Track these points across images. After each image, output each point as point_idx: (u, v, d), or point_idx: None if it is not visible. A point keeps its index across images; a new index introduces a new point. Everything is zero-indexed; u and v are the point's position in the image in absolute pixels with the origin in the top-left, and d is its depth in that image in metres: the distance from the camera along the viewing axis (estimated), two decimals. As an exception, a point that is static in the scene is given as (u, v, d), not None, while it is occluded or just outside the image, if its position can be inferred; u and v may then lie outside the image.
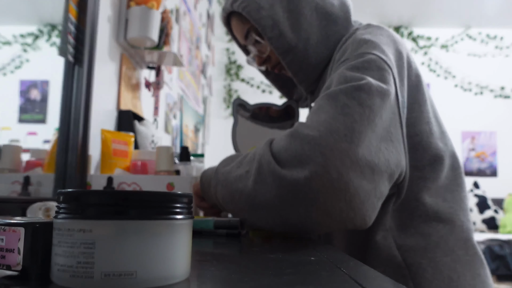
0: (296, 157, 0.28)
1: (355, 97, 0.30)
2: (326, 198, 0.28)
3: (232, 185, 0.33)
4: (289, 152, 0.29)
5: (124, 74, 0.84)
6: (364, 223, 0.29)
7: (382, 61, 0.33)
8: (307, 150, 0.28)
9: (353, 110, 0.29)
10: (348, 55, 0.35)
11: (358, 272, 0.18)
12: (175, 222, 0.15)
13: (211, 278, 0.17)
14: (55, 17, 0.58)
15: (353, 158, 0.28)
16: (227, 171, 0.34)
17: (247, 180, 0.31)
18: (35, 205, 0.32)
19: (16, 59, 0.53)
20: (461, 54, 2.43)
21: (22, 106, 0.56)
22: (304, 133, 0.29)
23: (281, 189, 0.29)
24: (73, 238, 0.14)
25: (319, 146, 0.28)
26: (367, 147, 0.29)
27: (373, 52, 0.34)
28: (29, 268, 0.15)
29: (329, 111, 0.30)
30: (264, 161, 0.30)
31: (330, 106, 0.30)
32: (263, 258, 0.23)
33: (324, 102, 0.31)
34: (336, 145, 0.28)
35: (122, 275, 0.13)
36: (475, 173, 2.34)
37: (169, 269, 0.14)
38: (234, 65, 2.43)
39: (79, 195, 0.14)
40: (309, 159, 0.28)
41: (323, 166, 0.27)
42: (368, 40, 0.36)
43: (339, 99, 0.30)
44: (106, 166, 0.57)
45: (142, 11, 0.79)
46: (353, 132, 0.28)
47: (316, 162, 0.27)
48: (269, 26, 0.40)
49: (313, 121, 0.30)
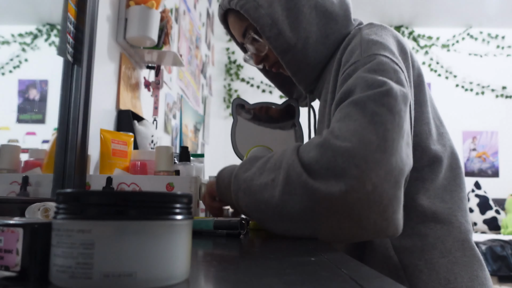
0: (329, 169, 0.28)
1: (384, 104, 0.29)
2: (361, 211, 0.27)
3: (256, 194, 0.32)
4: (321, 164, 0.28)
5: (123, 74, 0.84)
6: (396, 231, 0.29)
7: (394, 63, 0.33)
8: (341, 162, 0.27)
9: (384, 118, 0.29)
10: (357, 56, 0.35)
11: (359, 273, 0.18)
12: (174, 223, 0.15)
13: (211, 279, 0.17)
14: (54, 17, 0.58)
15: (387, 169, 0.27)
16: (248, 177, 0.33)
17: (273, 189, 0.30)
18: (33, 206, 0.32)
19: (14, 58, 0.53)
20: (462, 53, 2.43)
21: (21, 105, 0.55)
22: (337, 144, 0.28)
23: (313, 202, 0.28)
24: (72, 239, 0.14)
25: (354, 158, 0.27)
26: (399, 155, 0.28)
27: (384, 54, 0.34)
28: (27, 269, 0.15)
29: (359, 120, 0.29)
30: (294, 172, 0.29)
31: (359, 114, 0.29)
32: (263, 258, 0.23)
33: (352, 110, 0.30)
34: (371, 157, 0.27)
35: (122, 275, 0.13)
36: (476, 173, 2.34)
37: (169, 269, 0.14)
38: (234, 65, 2.43)
39: (78, 195, 0.14)
40: (343, 171, 0.27)
41: (358, 178, 0.27)
42: (376, 41, 0.35)
43: (368, 106, 0.29)
44: (105, 166, 0.57)
45: (141, 11, 0.79)
46: (386, 141, 0.28)
47: (350, 175, 0.27)
48: (267, 25, 0.39)
49: (344, 131, 0.29)
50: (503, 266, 1.63)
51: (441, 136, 0.39)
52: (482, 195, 2.14)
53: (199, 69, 1.74)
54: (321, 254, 0.24)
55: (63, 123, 0.53)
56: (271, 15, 0.39)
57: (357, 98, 0.31)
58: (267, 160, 0.33)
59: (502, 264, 1.64)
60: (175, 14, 1.23)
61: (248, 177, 0.33)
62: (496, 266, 1.63)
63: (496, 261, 1.64)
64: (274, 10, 0.40)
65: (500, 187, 2.26)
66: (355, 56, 0.35)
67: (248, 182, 0.33)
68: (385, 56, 0.34)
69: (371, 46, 0.35)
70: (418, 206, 0.36)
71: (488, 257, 1.64)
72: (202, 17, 1.79)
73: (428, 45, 2.45)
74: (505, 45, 2.43)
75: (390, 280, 0.16)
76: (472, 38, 2.45)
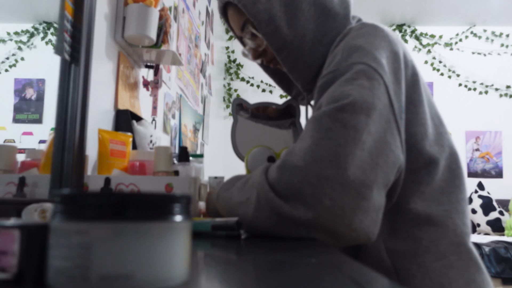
0: (288, 189, 0.29)
1: (338, 119, 0.30)
2: (327, 226, 0.28)
3: (233, 211, 0.34)
4: (282, 185, 0.29)
5: (121, 73, 0.83)
6: (368, 239, 0.30)
7: (372, 70, 0.33)
8: (297, 182, 0.28)
9: (337, 134, 0.29)
10: (337, 64, 0.34)
11: (359, 274, 0.18)
12: (173, 224, 0.15)
13: (210, 280, 0.17)
14: (50, 15, 0.57)
15: (343, 182, 0.28)
16: (227, 196, 0.35)
17: (248, 207, 0.32)
18: (30, 207, 0.32)
19: (11, 57, 0.52)
20: (466, 52, 2.41)
21: (17, 105, 0.55)
22: (292, 164, 0.29)
23: (281, 220, 0.29)
24: (70, 240, 0.13)
25: (306, 176, 0.28)
26: (358, 167, 0.28)
27: (363, 61, 0.33)
28: (24, 271, 0.14)
29: (313, 136, 0.30)
30: (262, 191, 0.31)
31: (314, 131, 0.30)
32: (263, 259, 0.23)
33: (309, 127, 0.31)
34: (323, 173, 0.28)
35: (119, 277, 0.13)
36: (480, 174, 2.31)
37: (168, 271, 0.14)
38: (233, 64, 2.42)
39: (75, 196, 0.14)
40: (300, 191, 0.28)
41: (313, 196, 0.28)
42: (359, 46, 0.34)
43: (323, 122, 0.30)
44: (103, 167, 0.56)
45: (139, 9, 0.78)
46: (338, 156, 0.28)
47: (306, 194, 0.28)
48: (264, 21, 0.39)
49: (299, 148, 0.30)
50: (507, 268, 1.59)
51: (440, 136, 0.38)
52: (486, 196, 2.11)
53: (199, 68, 1.73)
54: (322, 255, 0.24)
55: (60, 123, 0.52)
56: (268, 10, 0.39)
57: (316, 115, 0.31)
58: (247, 180, 0.35)
59: (506, 266, 1.60)
60: (174, 12, 1.23)
61: (227, 196, 0.35)
62: (500, 268, 1.59)
63: (500, 263, 1.60)
64: (272, 6, 0.39)
65: (504, 188, 2.23)
66: (335, 63, 0.35)
67: (226, 201, 0.35)
68: (364, 63, 0.33)
69: (352, 53, 0.34)
70: (413, 209, 0.35)
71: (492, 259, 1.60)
72: (202, 15, 1.78)
73: (431, 43, 2.43)
74: (509, 43, 2.40)
75: (391, 282, 0.16)
76: (475, 37, 2.43)
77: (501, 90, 2.39)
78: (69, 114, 0.52)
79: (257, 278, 0.17)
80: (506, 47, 2.41)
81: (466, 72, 2.40)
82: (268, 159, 0.44)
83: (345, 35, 0.38)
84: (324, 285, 0.16)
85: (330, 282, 0.16)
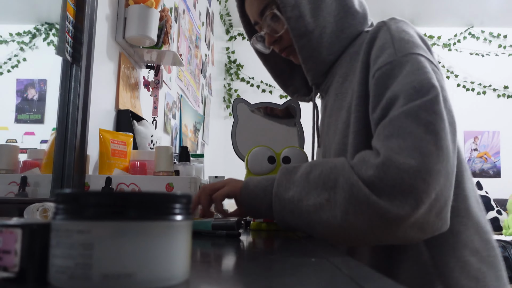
0: (395, 186, 0.28)
1: (435, 111, 0.30)
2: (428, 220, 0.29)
3: (310, 215, 0.31)
4: (386, 182, 0.29)
5: (122, 74, 0.84)
6: (447, 227, 0.31)
7: (431, 63, 0.34)
8: (408, 179, 0.28)
9: (438, 127, 0.30)
10: (391, 55, 0.34)
11: (359, 273, 0.18)
12: (174, 223, 0.15)
13: (211, 279, 0.17)
14: (52, 16, 0.57)
15: (446, 175, 0.29)
16: (295, 198, 0.32)
17: (333, 210, 0.30)
18: (32, 206, 0.32)
19: (13, 58, 0.53)
20: (464, 53, 2.42)
21: (19, 105, 0.55)
22: (400, 161, 0.29)
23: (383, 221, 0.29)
24: (71, 239, 0.13)
25: (419, 172, 0.28)
26: (452, 158, 0.30)
27: (419, 53, 0.34)
28: (26, 269, 0.15)
29: (414, 132, 0.30)
30: (359, 192, 0.29)
31: (413, 127, 0.30)
32: (263, 259, 0.23)
33: (406, 123, 0.30)
34: (434, 168, 0.28)
35: (121, 276, 0.13)
36: (478, 173, 2.32)
37: (168, 270, 0.14)
38: (233, 65, 2.42)
39: (77, 196, 0.14)
40: (411, 188, 0.28)
41: (426, 192, 0.28)
42: (408, 40, 0.35)
43: (421, 117, 0.30)
44: (104, 167, 0.57)
45: (140, 10, 0.78)
46: (442, 150, 0.29)
47: (419, 190, 0.28)
48: (290, 5, 0.39)
49: (403, 147, 0.29)
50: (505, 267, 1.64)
51: None
52: (484, 195, 2.11)
53: (199, 68, 1.74)
54: (321, 254, 0.24)
55: (62, 123, 0.52)
56: None
57: (408, 109, 0.31)
58: (307, 177, 0.32)
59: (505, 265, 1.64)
60: (175, 13, 1.23)
61: (294, 198, 0.32)
62: (499, 268, 1.63)
63: (499, 262, 1.64)
64: None
65: (502, 187, 2.24)
66: (388, 55, 0.34)
67: (295, 203, 0.32)
68: (421, 55, 0.33)
69: (404, 44, 0.34)
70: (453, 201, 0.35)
71: (490, 259, 1.63)
72: (202, 16, 1.79)
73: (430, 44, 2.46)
74: (507, 44, 2.42)
75: (390, 281, 0.16)
76: (473, 37, 2.44)
77: (499, 90, 2.39)
78: (70, 114, 0.53)
79: (257, 278, 0.17)
80: (503, 47, 2.42)
81: (464, 72, 2.41)
82: (268, 159, 0.44)
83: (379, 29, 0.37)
84: (324, 284, 0.16)
85: (330, 281, 0.16)
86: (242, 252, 0.27)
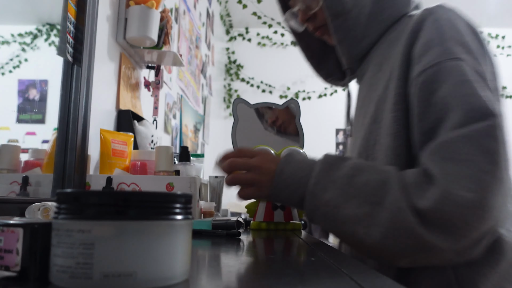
0: (449, 221, 0.26)
1: (497, 138, 0.27)
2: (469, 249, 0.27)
3: (344, 225, 0.29)
4: (440, 215, 0.26)
5: (123, 74, 0.84)
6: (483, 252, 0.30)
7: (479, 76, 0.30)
8: (464, 215, 0.26)
9: (499, 156, 0.27)
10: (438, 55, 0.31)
11: (358, 273, 0.18)
12: (174, 223, 0.15)
13: (211, 279, 0.17)
14: (53, 16, 0.57)
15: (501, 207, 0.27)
16: (331, 203, 0.29)
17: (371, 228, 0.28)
18: (33, 206, 0.32)
19: (14, 58, 0.53)
20: (462, 53, 2.45)
21: (21, 105, 0.55)
22: (459, 194, 0.26)
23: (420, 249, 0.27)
24: (72, 239, 0.13)
25: (477, 210, 0.26)
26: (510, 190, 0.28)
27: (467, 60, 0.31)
28: (27, 269, 0.15)
29: (475, 161, 0.27)
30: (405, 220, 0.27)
31: (474, 155, 0.27)
32: (263, 258, 0.23)
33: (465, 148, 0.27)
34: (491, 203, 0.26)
35: (121, 275, 0.13)
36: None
37: (169, 269, 0.14)
38: (234, 65, 2.43)
39: (78, 195, 0.14)
40: (464, 223, 0.26)
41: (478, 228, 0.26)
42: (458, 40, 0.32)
43: (483, 143, 0.27)
44: (105, 166, 0.57)
45: (141, 10, 0.79)
46: (501, 182, 0.27)
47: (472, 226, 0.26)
48: None
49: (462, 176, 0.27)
50: None
51: None
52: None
53: (199, 69, 1.74)
54: (321, 254, 0.24)
55: (63, 123, 0.53)
56: None
57: (468, 133, 0.28)
58: (349, 181, 0.30)
59: None
60: (175, 14, 1.23)
61: (331, 202, 0.30)
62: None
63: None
64: None
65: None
66: (435, 54, 0.31)
67: (331, 208, 0.30)
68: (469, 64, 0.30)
69: (452, 46, 0.31)
70: None
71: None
72: (202, 17, 1.79)
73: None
74: (505, 45, 2.42)
75: (390, 280, 0.16)
76: (472, 38, 2.46)
77: (498, 91, 2.41)
78: (71, 115, 0.53)
79: (257, 278, 0.17)
80: (502, 48, 2.41)
81: (464, 72, 2.43)
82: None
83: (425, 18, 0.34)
84: (324, 283, 0.16)
85: (329, 280, 0.16)
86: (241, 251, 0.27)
